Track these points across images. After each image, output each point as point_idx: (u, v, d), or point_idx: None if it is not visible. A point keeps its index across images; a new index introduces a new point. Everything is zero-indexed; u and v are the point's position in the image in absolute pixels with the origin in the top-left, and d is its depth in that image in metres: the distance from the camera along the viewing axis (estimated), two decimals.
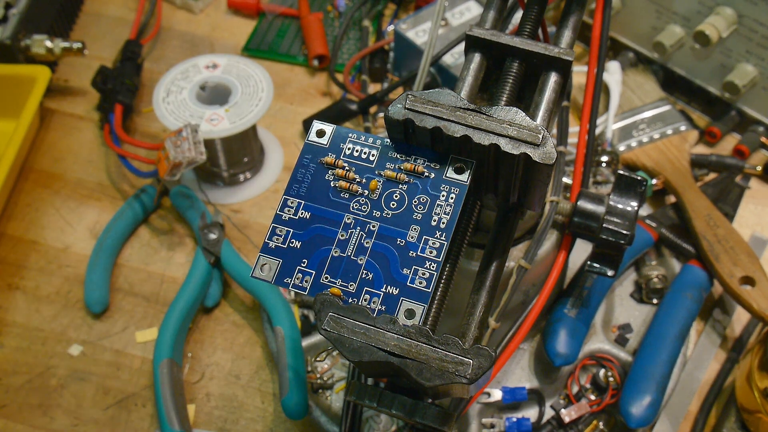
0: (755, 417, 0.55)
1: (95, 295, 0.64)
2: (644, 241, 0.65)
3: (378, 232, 0.33)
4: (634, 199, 0.48)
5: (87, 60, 0.81)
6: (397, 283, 0.32)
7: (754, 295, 0.60)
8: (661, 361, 0.57)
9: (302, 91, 0.81)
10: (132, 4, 0.89)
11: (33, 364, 0.61)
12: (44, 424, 0.58)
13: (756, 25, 0.68)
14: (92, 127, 0.78)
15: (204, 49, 0.85)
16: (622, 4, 0.77)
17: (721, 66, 0.73)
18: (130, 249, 0.69)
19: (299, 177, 0.35)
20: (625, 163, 0.72)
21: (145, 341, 0.63)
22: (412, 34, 0.74)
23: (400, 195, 0.34)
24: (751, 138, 0.73)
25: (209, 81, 0.69)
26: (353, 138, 0.35)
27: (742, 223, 0.70)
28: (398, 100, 0.35)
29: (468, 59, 0.41)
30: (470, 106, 0.34)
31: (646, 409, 0.54)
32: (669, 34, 0.74)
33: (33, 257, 0.68)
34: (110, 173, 0.74)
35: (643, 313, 0.63)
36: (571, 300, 0.59)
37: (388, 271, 0.32)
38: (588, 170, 0.52)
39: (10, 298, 0.65)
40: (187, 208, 0.68)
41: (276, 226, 0.34)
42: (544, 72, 0.40)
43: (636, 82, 0.77)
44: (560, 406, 0.58)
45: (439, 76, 0.71)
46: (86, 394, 0.60)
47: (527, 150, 0.33)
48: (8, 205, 0.71)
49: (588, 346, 0.60)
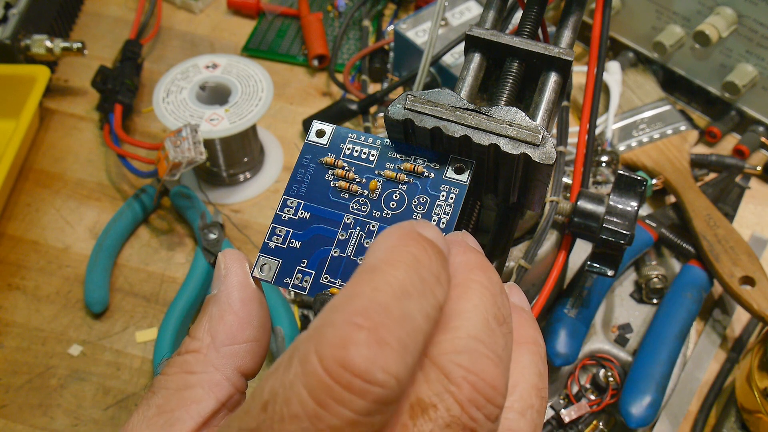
0: (755, 417, 0.55)
1: (95, 295, 0.64)
2: (644, 241, 0.64)
3: (378, 232, 0.33)
4: (634, 199, 0.48)
5: (87, 60, 0.81)
6: None
7: (754, 295, 0.60)
8: (661, 361, 0.57)
9: (302, 91, 0.81)
10: (132, 4, 0.89)
11: (33, 364, 0.61)
12: (44, 424, 0.58)
13: (756, 25, 0.68)
14: (92, 127, 0.78)
15: (204, 49, 0.85)
16: (622, 4, 0.77)
17: (721, 66, 0.73)
18: (130, 249, 0.68)
19: (299, 177, 0.35)
20: (625, 163, 0.72)
21: (145, 341, 0.63)
22: (412, 34, 0.74)
23: (400, 195, 0.34)
24: (751, 138, 0.73)
25: (209, 81, 0.69)
26: (353, 138, 0.35)
27: (742, 223, 0.70)
28: (398, 100, 0.35)
29: (468, 59, 0.41)
30: (470, 106, 0.34)
31: (646, 409, 0.54)
32: (669, 34, 0.74)
33: (33, 257, 0.68)
34: (110, 173, 0.74)
35: (643, 313, 0.63)
36: (571, 300, 0.59)
37: None
38: (588, 170, 0.52)
39: (10, 298, 0.65)
40: (187, 208, 0.68)
41: (276, 226, 0.34)
42: (544, 72, 0.40)
43: (636, 82, 0.77)
44: (560, 406, 0.58)
45: (439, 76, 0.71)
46: (86, 394, 0.60)
47: (527, 150, 0.33)
48: (8, 205, 0.71)
49: (588, 346, 0.60)
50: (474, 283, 0.26)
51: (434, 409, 0.24)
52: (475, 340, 0.25)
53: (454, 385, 0.24)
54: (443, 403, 0.24)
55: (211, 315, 0.31)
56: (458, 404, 0.24)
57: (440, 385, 0.24)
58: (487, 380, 0.24)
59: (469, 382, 0.24)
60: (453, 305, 0.26)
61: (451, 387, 0.24)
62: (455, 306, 0.26)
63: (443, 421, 0.24)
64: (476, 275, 0.27)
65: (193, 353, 0.30)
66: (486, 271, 0.27)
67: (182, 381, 0.29)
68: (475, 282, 0.27)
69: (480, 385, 0.24)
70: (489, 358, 0.25)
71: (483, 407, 0.24)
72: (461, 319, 0.25)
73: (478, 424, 0.24)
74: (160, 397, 0.29)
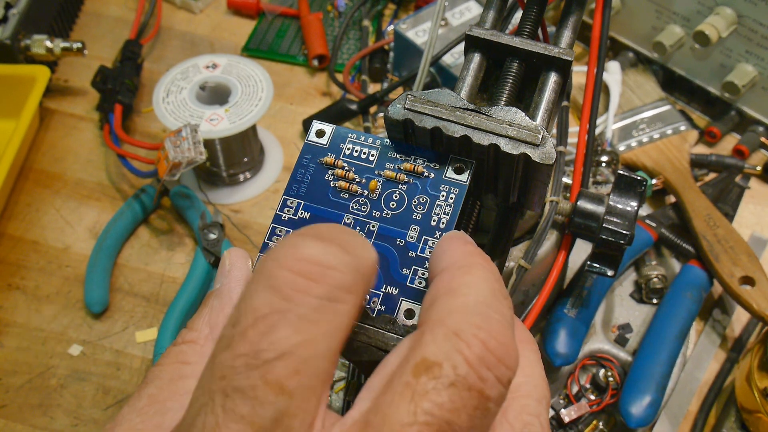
0: (755, 417, 0.55)
1: (95, 295, 0.64)
2: (644, 241, 0.64)
3: (377, 233, 0.33)
4: (634, 199, 0.48)
5: (87, 60, 0.81)
6: (397, 283, 0.32)
7: (754, 295, 0.60)
8: (661, 361, 0.57)
9: (302, 91, 0.81)
10: (132, 4, 0.89)
11: (33, 364, 0.61)
12: (44, 424, 0.58)
13: (756, 25, 0.68)
14: (92, 127, 0.78)
15: (204, 49, 0.85)
16: (622, 4, 0.77)
17: (721, 66, 0.73)
18: (130, 249, 0.68)
19: (299, 177, 0.35)
20: (625, 163, 0.72)
21: (145, 341, 0.63)
22: (412, 34, 0.74)
23: (400, 195, 0.34)
24: (751, 138, 0.73)
25: (209, 81, 0.69)
26: (353, 138, 0.35)
27: (742, 223, 0.70)
28: (398, 100, 0.35)
29: (468, 59, 0.41)
30: (470, 106, 0.34)
31: (645, 409, 0.54)
32: (669, 34, 0.74)
33: (33, 257, 0.68)
34: (110, 173, 0.74)
35: (643, 313, 0.63)
36: (571, 300, 0.59)
37: (387, 271, 0.32)
38: (588, 170, 0.52)
39: (10, 298, 0.65)
40: (187, 208, 0.68)
41: (276, 226, 0.34)
42: (544, 72, 0.40)
43: (636, 82, 0.77)
44: (560, 406, 0.58)
45: (439, 76, 0.71)
46: (86, 394, 0.60)
47: (527, 150, 0.33)
48: (8, 205, 0.71)
49: (588, 346, 0.60)
50: (477, 264, 0.27)
51: (438, 368, 0.23)
52: (485, 304, 0.25)
53: (463, 341, 0.24)
54: (449, 361, 0.23)
55: (212, 307, 0.31)
56: (466, 362, 0.23)
57: (448, 343, 0.24)
58: (499, 339, 0.24)
59: (480, 339, 0.24)
60: (459, 279, 0.26)
61: (460, 344, 0.24)
62: (461, 280, 0.26)
63: (447, 380, 0.23)
64: (477, 259, 0.28)
65: (190, 344, 0.30)
66: (485, 257, 0.28)
67: (176, 371, 0.29)
68: (477, 264, 0.27)
69: (492, 344, 0.24)
70: (499, 321, 0.25)
71: (494, 367, 0.24)
72: (469, 288, 0.26)
73: (487, 385, 0.23)
74: (153, 387, 0.28)
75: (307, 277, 0.24)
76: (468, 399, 0.23)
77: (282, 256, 0.24)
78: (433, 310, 0.25)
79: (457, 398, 0.23)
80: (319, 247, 0.24)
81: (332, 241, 0.25)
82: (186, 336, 0.30)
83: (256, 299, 0.24)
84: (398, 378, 0.24)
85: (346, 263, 0.25)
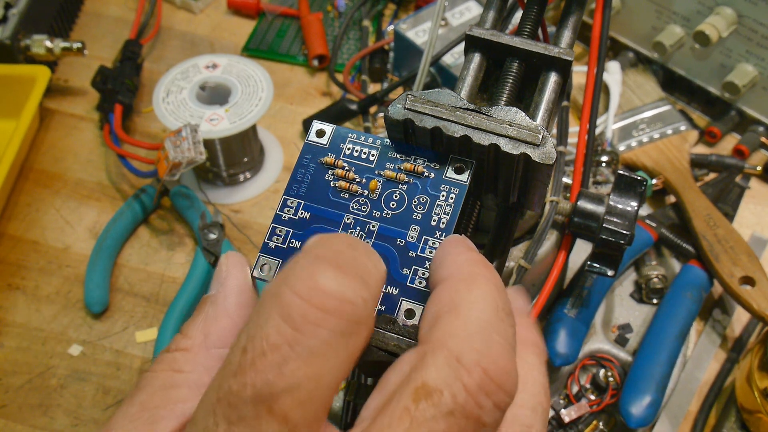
0: (755, 417, 0.55)
1: (95, 295, 0.64)
2: (644, 241, 0.64)
3: (378, 232, 0.33)
4: (634, 199, 0.48)
5: (87, 60, 0.81)
6: (397, 283, 0.32)
7: (754, 295, 0.60)
8: (661, 361, 0.57)
9: (302, 91, 0.81)
10: (132, 4, 0.89)
11: (33, 364, 0.61)
12: (44, 424, 0.58)
13: (756, 25, 0.68)
14: (92, 127, 0.78)
15: (204, 49, 0.85)
16: (622, 4, 0.77)
17: (721, 66, 0.73)
18: (130, 249, 0.68)
19: (299, 177, 0.35)
20: (625, 163, 0.72)
21: (145, 341, 0.63)
22: (412, 34, 0.74)
23: (400, 195, 0.34)
24: (751, 138, 0.73)
25: (209, 81, 0.69)
26: (353, 138, 0.35)
27: (742, 223, 0.70)
28: (398, 100, 0.35)
29: (468, 59, 0.41)
30: (470, 106, 0.34)
31: (646, 409, 0.54)
32: (669, 34, 0.74)
33: (33, 257, 0.68)
34: (110, 173, 0.74)
35: (643, 313, 0.63)
36: (571, 300, 0.59)
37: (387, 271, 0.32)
38: (588, 170, 0.52)
39: (10, 298, 0.65)
40: (187, 208, 0.68)
41: (276, 226, 0.34)
42: (544, 72, 0.40)
43: (636, 82, 0.77)
44: (560, 406, 0.58)
45: (439, 76, 0.71)
46: (86, 394, 0.60)
47: (527, 150, 0.33)
48: (8, 205, 0.71)
49: (588, 346, 0.60)
50: (479, 276, 0.27)
51: (439, 395, 0.23)
52: (487, 325, 0.25)
53: (464, 368, 0.24)
54: (449, 389, 0.23)
55: (207, 314, 0.30)
56: (466, 390, 0.23)
57: (449, 369, 0.24)
58: (500, 365, 0.24)
59: (482, 367, 0.24)
60: (461, 295, 0.26)
61: (461, 371, 0.24)
62: (464, 296, 0.26)
63: (446, 408, 0.23)
64: (480, 269, 0.27)
65: (183, 351, 0.29)
66: (489, 267, 0.28)
67: (168, 379, 0.29)
68: (481, 275, 0.27)
69: (492, 370, 0.24)
70: (501, 345, 0.25)
71: (493, 394, 0.24)
72: (471, 307, 0.26)
73: (484, 412, 0.24)
74: (144, 394, 0.28)
75: (322, 309, 0.23)
76: (464, 426, 0.23)
77: (297, 282, 0.24)
78: (436, 330, 0.25)
79: (455, 426, 0.23)
80: (337, 279, 0.24)
81: (350, 272, 0.24)
82: (180, 343, 0.30)
83: (266, 327, 0.23)
84: (397, 401, 0.24)
85: (364, 298, 0.24)
